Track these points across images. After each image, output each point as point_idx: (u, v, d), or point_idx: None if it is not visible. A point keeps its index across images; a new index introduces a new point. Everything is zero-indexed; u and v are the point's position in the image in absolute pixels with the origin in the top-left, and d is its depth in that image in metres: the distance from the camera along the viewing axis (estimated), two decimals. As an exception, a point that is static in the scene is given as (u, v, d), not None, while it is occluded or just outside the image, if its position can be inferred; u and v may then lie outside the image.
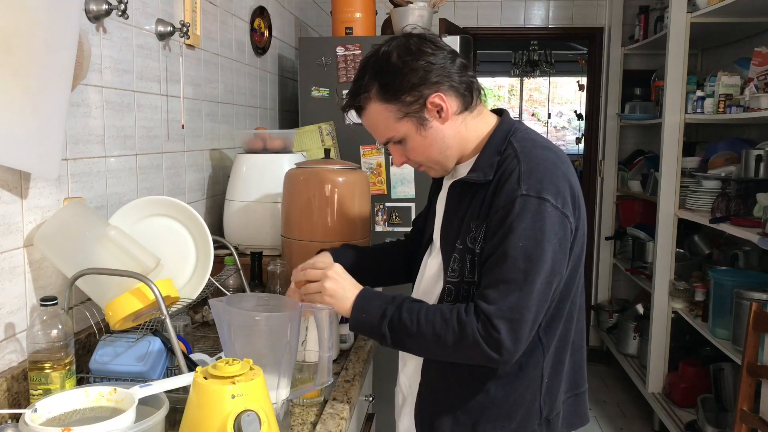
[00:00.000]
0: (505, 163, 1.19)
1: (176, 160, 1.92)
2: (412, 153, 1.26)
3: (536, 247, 1.11)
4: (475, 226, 1.20)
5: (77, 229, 1.27)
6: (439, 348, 1.16)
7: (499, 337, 1.09)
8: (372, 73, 1.21)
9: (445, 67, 1.20)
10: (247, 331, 1.18)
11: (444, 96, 1.20)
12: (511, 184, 1.15)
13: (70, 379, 1.15)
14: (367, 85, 1.22)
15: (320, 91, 2.75)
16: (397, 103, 1.20)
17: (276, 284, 1.70)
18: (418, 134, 1.22)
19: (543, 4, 4.28)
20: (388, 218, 2.75)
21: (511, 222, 1.12)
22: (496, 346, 1.10)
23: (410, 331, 1.16)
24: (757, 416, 2.07)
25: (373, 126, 1.26)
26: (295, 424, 1.26)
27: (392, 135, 1.24)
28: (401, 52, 1.20)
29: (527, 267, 1.10)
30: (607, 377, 4.07)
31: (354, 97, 1.25)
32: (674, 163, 3.18)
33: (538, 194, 1.13)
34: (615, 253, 4.41)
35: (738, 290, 2.57)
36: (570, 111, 9.93)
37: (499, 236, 1.13)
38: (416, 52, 1.19)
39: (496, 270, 1.12)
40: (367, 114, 1.25)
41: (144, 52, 1.69)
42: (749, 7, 2.74)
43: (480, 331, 1.10)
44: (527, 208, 1.12)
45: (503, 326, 1.09)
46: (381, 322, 1.18)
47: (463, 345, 1.12)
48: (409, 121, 1.21)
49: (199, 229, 1.50)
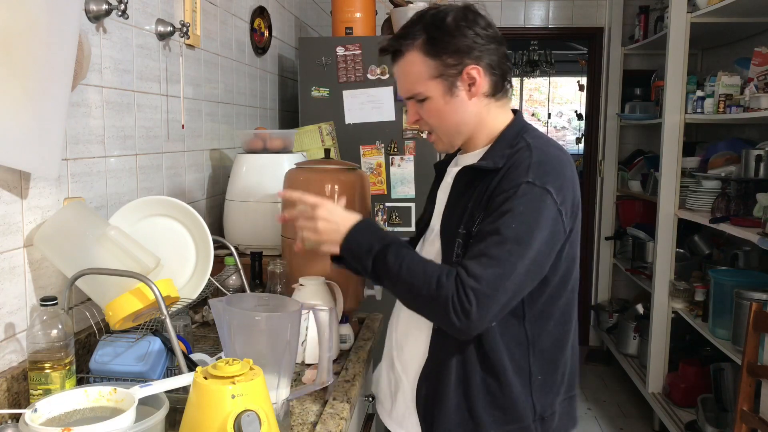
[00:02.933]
0: (517, 154, 1.22)
1: (176, 160, 1.92)
2: (429, 115, 1.27)
3: (527, 232, 1.13)
4: (478, 211, 1.22)
5: (77, 229, 1.27)
6: (410, 297, 1.21)
7: (469, 308, 1.11)
8: (424, 25, 1.23)
9: (491, 46, 1.23)
10: (247, 331, 1.18)
11: (481, 71, 1.22)
12: (518, 171, 1.18)
13: (70, 379, 1.15)
14: (415, 33, 1.23)
15: (320, 91, 2.75)
16: (437, 61, 1.22)
17: (276, 284, 1.70)
18: (443, 98, 1.24)
19: (543, 4, 4.28)
20: (388, 218, 2.75)
21: (511, 204, 1.15)
22: (464, 314, 1.12)
23: (391, 272, 1.19)
24: (757, 416, 2.07)
25: (404, 75, 1.27)
26: (295, 424, 1.26)
27: (420, 91, 1.25)
28: (458, 16, 1.22)
29: (512, 249, 1.12)
30: (607, 377, 4.07)
31: (397, 40, 1.25)
32: (674, 163, 3.18)
33: (542, 184, 1.15)
34: (615, 253, 4.41)
35: (738, 290, 2.57)
36: (570, 111, 9.93)
37: (496, 215, 1.16)
38: (471, 21, 1.22)
39: (483, 244, 1.15)
40: (404, 61, 1.25)
41: (144, 52, 1.69)
42: (749, 7, 2.74)
43: (454, 297, 1.12)
44: (529, 194, 1.15)
45: (475, 298, 1.11)
46: (367, 256, 1.22)
47: (433, 303, 1.15)
48: (441, 83, 1.23)
49: (199, 229, 1.50)
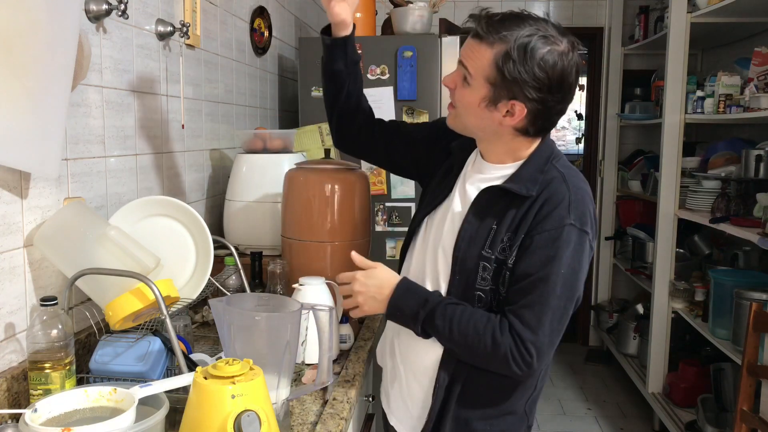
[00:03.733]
0: (552, 184, 1.22)
1: (176, 160, 1.92)
2: (461, 96, 1.25)
3: (572, 276, 1.18)
4: (508, 238, 1.22)
5: (77, 229, 1.27)
6: (467, 354, 1.24)
7: (530, 360, 1.17)
8: (513, 39, 1.16)
9: (555, 97, 1.19)
10: (247, 331, 1.18)
11: (524, 112, 1.20)
12: (561, 211, 1.19)
13: (70, 379, 1.15)
14: (505, 38, 1.16)
15: (320, 91, 2.75)
16: (497, 74, 1.18)
17: (276, 284, 1.70)
18: (481, 99, 1.22)
19: (543, 4, 4.28)
20: (388, 218, 2.75)
21: (558, 248, 1.17)
22: (526, 365, 1.17)
23: (442, 335, 1.23)
24: (757, 416, 2.07)
25: (470, 53, 1.22)
26: (295, 424, 1.26)
27: (472, 74, 1.21)
28: (547, 54, 1.16)
29: (563, 294, 1.17)
30: (607, 377, 4.07)
31: (488, 30, 1.18)
32: (674, 163, 3.18)
33: (581, 226, 1.19)
34: (615, 253, 4.41)
35: (738, 290, 2.57)
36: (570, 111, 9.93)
37: (544, 259, 1.17)
38: (551, 66, 1.16)
39: (535, 293, 1.17)
40: (477, 46, 1.20)
41: (144, 52, 1.69)
42: (749, 7, 2.74)
43: (513, 351, 1.17)
44: (572, 238, 1.18)
45: (535, 350, 1.16)
46: (414, 323, 1.25)
47: (492, 358, 1.20)
48: (489, 90, 1.20)
49: (199, 229, 1.50)
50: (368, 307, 1.29)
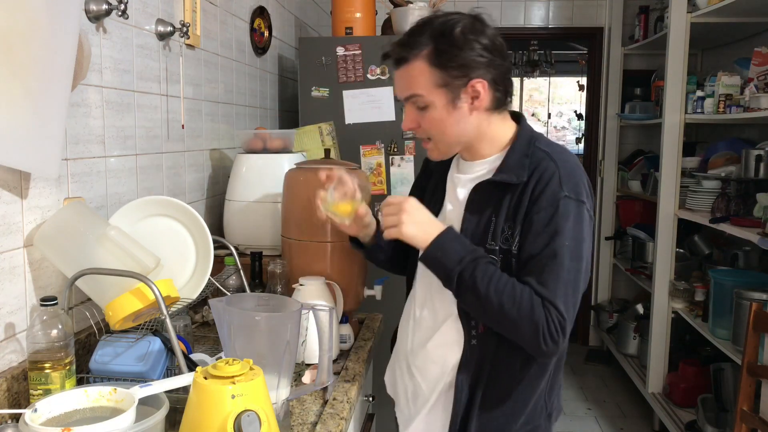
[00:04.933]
0: (540, 165, 1.23)
1: (176, 160, 1.92)
2: (428, 122, 1.26)
3: (578, 247, 1.19)
4: (508, 226, 1.23)
5: (77, 229, 1.27)
6: (497, 315, 1.19)
7: (558, 338, 1.17)
8: (432, 34, 1.21)
9: (497, 61, 1.22)
10: (247, 331, 1.18)
11: (486, 86, 1.22)
12: (553, 186, 1.20)
13: (70, 379, 1.15)
14: (422, 42, 1.21)
15: (320, 91, 2.75)
16: (443, 72, 1.20)
17: (276, 284, 1.70)
18: (445, 108, 1.23)
19: (543, 4, 4.28)
20: (388, 218, 2.75)
21: (558, 222, 1.18)
22: (552, 342, 1.17)
23: (477, 290, 1.19)
24: (757, 416, 2.07)
25: (406, 80, 1.24)
26: (295, 424, 1.26)
27: (421, 93, 1.22)
28: (466, 27, 1.20)
29: (572, 267, 1.18)
30: (607, 377, 4.07)
31: (404, 48, 1.23)
32: (674, 163, 3.18)
33: (577, 197, 1.20)
34: (615, 253, 4.41)
35: (738, 290, 2.57)
36: (570, 111, 9.92)
37: (546, 235, 1.18)
38: (479, 33, 1.21)
39: (547, 271, 1.17)
40: (408, 68, 1.23)
41: (144, 52, 1.69)
42: (749, 7, 2.74)
43: (544, 326, 1.16)
44: (570, 209, 1.19)
45: (561, 328, 1.16)
46: (454, 267, 1.20)
47: (523, 328, 1.17)
48: (445, 93, 1.22)
49: (199, 229, 1.50)
50: (406, 229, 1.22)
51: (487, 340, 1.28)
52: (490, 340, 1.28)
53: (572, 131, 9.99)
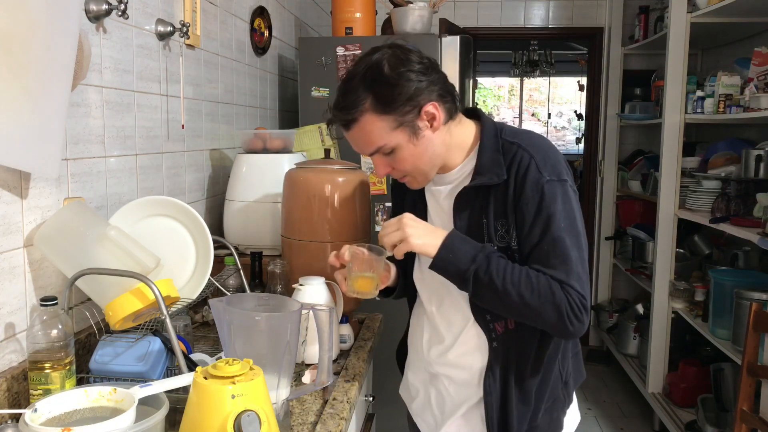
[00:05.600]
0: (515, 157, 1.24)
1: (176, 160, 1.92)
2: (401, 163, 1.26)
3: (573, 225, 1.21)
4: (501, 224, 1.24)
5: (77, 229, 1.27)
6: (518, 306, 1.19)
7: (582, 316, 1.18)
8: (365, 85, 1.20)
9: (433, 77, 1.23)
10: (247, 331, 1.18)
11: (437, 105, 1.22)
12: (532, 174, 1.21)
13: (70, 379, 1.15)
14: (359, 97, 1.20)
15: (320, 91, 2.75)
16: (393, 114, 1.20)
17: (276, 284, 1.70)
18: (410, 143, 1.23)
19: (543, 4, 4.28)
20: (388, 218, 2.75)
21: (548, 207, 1.20)
22: (578, 321, 1.18)
23: (494, 286, 1.19)
24: (757, 416, 2.07)
25: (363, 138, 1.25)
26: (295, 424, 1.26)
27: (384, 144, 1.23)
28: (392, 63, 1.20)
29: (574, 245, 1.20)
30: (607, 377, 4.07)
31: (346, 111, 1.22)
32: (674, 163, 3.18)
33: (559, 177, 1.22)
34: (615, 253, 4.41)
35: (738, 290, 2.57)
36: (570, 111, 9.93)
37: (542, 222, 1.20)
38: (407, 62, 1.21)
39: (553, 255, 1.19)
40: (358, 127, 1.23)
41: (144, 52, 1.69)
42: (749, 7, 2.74)
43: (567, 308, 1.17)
44: (555, 191, 1.21)
45: (582, 306, 1.18)
46: (469, 267, 1.20)
47: (547, 314, 1.18)
48: (403, 131, 1.22)
49: (199, 229, 1.50)
50: (415, 240, 1.22)
51: (507, 340, 1.30)
52: (511, 339, 1.29)
53: (572, 131, 10.01)
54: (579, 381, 1.44)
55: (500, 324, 1.30)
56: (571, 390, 1.41)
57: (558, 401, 1.37)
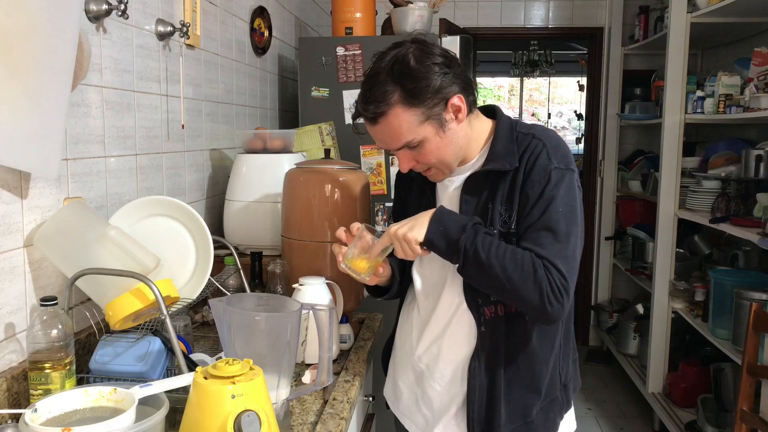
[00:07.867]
0: (529, 146, 1.27)
1: (176, 160, 1.92)
2: (426, 156, 1.27)
3: (572, 213, 1.23)
4: (505, 209, 1.27)
5: (77, 229, 1.27)
6: (501, 280, 1.20)
7: (562, 299, 1.18)
8: (393, 79, 1.21)
9: (457, 70, 1.25)
10: (247, 331, 1.18)
11: (461, 95, 1.24)
12: (542, 160, 1.25)
13: (70, 379, 1.15)
14: (388, 90, 1.21)
15: (320, 91, 2.75)
16: (421, 107, 1.21)
17: (276, 284, 1.70)
18: (437, 136, 1.25)
19: (543, 4, 4.28)
20: (388, 218, 2.75)
21: (551, 191, 1.23)
22: (557, 302, 1.18)
23: (479, 258, 1.20)
24: (757, 416, 2.07)
25: (391, 132, 1.24)
26: (295, 424, 1.26)
27: (413, 138, 1.24)
28: (418, 56, 1.21)
29: (568, 232, 1.21)
30: (607, 377, 4.07)
31: (375, 104, 1.22)
32: (674, 163, 3.18)
33: (567, 166, 1.25)
34: (615, 253, 4.41)
35: (738, 290, 2.57)
36: (570, 111, 9.93)
37: (542, 204, 1.22)
38: (431, 55, 1.22)
39: (544, 236, 1.20)
40: (386, 120, 1.23)
41: (144, 52, 1.69)
42: (749, 7, 2.74)
43: (547, 287, 1.18)
44: (561, 178, 1.23)
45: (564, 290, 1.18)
46: (460, 236, 1.21)
47: (526, 291, 1.19)
48: (431, 123, 1.24)
49: (199, 229, 1.50)
50: (411, 233, 1.22)
51: (495, 325, 1.30)
52: (499, 324, 1.30)
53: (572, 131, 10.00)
54: (577, 388, 1.44)
55: (490, 309, 1.30)
56: (569, 394, 1.41)
57: (555, 402, 1.36)
